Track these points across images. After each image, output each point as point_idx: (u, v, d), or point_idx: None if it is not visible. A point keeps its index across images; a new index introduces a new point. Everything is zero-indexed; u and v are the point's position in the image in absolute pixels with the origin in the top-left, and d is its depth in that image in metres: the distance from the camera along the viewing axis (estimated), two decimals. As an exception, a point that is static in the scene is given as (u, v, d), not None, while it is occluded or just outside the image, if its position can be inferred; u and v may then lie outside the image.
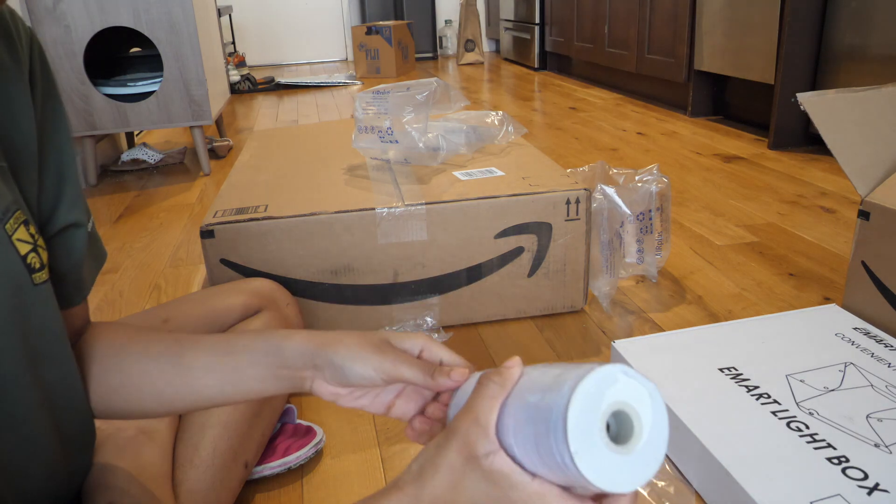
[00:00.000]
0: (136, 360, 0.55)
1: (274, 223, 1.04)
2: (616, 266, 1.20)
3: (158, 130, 2.97)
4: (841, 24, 1.99)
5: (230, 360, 0.54)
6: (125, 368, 0.55)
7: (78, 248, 0.53)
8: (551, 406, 0.37)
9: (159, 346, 0.56)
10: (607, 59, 3.37)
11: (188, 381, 0.54)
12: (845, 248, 1.41)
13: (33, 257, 0.46)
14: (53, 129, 0.52)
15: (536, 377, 0.41)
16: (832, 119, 1.03)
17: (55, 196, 0.51)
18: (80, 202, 0.53)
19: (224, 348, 0.55)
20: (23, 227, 0.45)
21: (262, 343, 0.54)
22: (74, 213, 0.52)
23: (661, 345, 0.94)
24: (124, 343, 0.56)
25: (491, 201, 1.09)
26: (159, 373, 0.54)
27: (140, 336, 0.57)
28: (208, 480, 0.68)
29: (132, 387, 0.55)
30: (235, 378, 0.53)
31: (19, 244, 0.45)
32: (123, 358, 0.55)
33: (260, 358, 0.53)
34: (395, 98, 1.15)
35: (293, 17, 5.18)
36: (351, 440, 0.89)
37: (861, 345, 0.92)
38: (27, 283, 0.45)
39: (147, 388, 0.55)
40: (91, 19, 1.93)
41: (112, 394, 0.55)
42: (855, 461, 0.70)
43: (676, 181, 1.90)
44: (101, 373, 0.55)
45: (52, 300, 0.49)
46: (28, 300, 0.46)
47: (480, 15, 5.28)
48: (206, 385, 0.54)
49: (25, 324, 0.46)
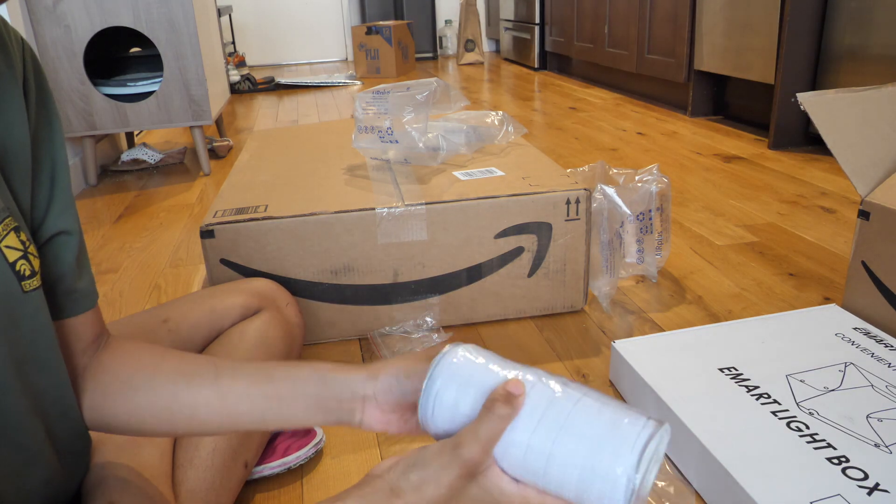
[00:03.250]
0: (167, 381, 0.54)
1: (274, 223, 1.04)
2: (616, 266, 1.20)
3: (158, 130, 2.97)
4: (841, 24, 1.99)
5: (271, 389, 0.53)
6: (156, 388, 0.54)
7: (68, 256, 0.53)
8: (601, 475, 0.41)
9: (193, 368, 0.55)
10: (607, 59, 3.37)
11: (230, 405, 0.53)
12: (845, 248, 1.41)
13: (23, 264, 0.45)
14: (47, 137, 0.51)
15: (551, 417, 0.43)
16: (832, 119, 1.03)
17: (46, 203, 0.51)
18: (70, 210, 0.53)
19: (264, 375, 0.54)
20: (13, 234, 0.45)
21: (307, 371, 0.53)
22: (65, 220, 0.52)
23: (661, 345, 0.94)
24: (155, 362, 0.55)
25: (491, 201, 1.09)
26: (195, 395, 0.53)
27: (170, 358, 0.56)
28: (208, 480, 0.68)
29: (163, 404, 0.54)
30: (277, 407, 0.52)
31: (8, 251, 0.44)
32: (153, 377, 0.54)
33: (305, 387, 0.52)
34: (395, 98, 1.15)
35: (293, 17, 5.18)
36: (351, 440, 0.89)
37: (861, 345, 0.92)
38: (16, 291, 0.45)
39: (180, 408, 0.53)
40: (91, 19, 1.93)
41: (136, 411, 0.54)
42: (855, 461, 0.70)
43: (676, 181, 1.90)
44: (126, 391, 0.54)
45: (44, 308, 0.48)
46: (17, 307, 0.45)
47: (480, 15, 5.28)
48: (249, 407, 0.53)
49: (15, 331, 0.45)
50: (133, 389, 0.54)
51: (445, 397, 0.46)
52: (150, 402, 0.54)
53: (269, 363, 0.55)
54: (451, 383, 0.46)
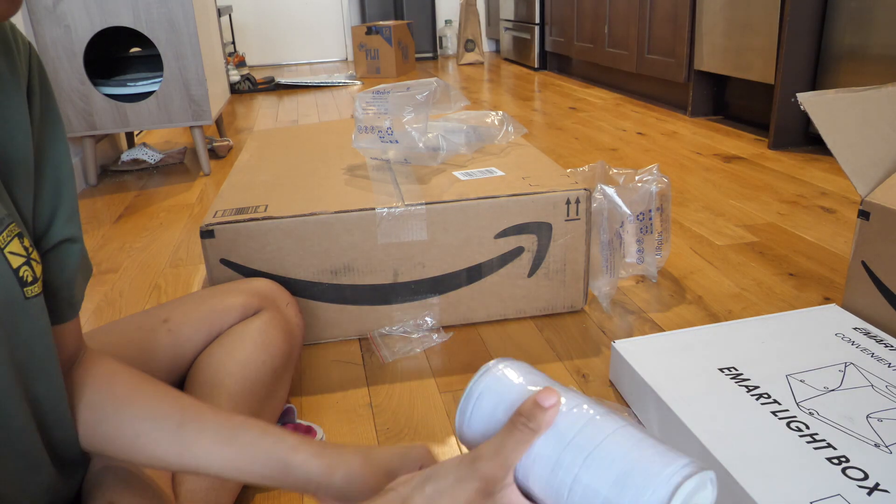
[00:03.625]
0: (134, 418, 0.54)
1: (274, 223, 1.04)
2: (616, 266, 1.20)
3: (158, 130, 2.97)
4: (841, 24, 1.99)
5: (234, 452, 0.53)
6: (121, 423, 0.54)
7: (72, 263, 0.53)
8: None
9: (160, 410, 0.55)
10: (607, 59, 3.37)
11: (188, 457, 0.54)
12: (845, 248, 1.41)
13: (25, 270, 0.45)
14: (51, 144, 0.51)
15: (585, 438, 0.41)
16: (832, 119, 1.03)
17: (51, 211, 0.51)
18: (76, 217, 0.53)
19: (229, 435, 0.54)
20: (16, 240, 0.45)
21: (269, 445, 0.53)
22: (70, 228, 0.52)
23: (661, 345, 0.94)
24: (126, 396, 0.55)
25: (491, 201, 1.09)
26: (157, 440, 0.54)
27: (140, 394, 0.56)
28: (208, 480, 0.68)
29: (125, 441, 0.54)
30: (238, 467, 0.54)
31: (11, 257, 0.44)
32: (120, 410, 0.55)
33: (265, 463, 0.53)
34: (395, 98, 1.15)
35: (293, 17, 5.18)
36: (351, 440, 0.89)
37: (861, 345, 0.92)
38: (18, 297, 0.45)
39: (141, 447, 0.54)
40: (91, 19, 1.93)
41: (101, 439, 0.55)
42: (855, 461, 0.70)
43: (676, 181, 1.90)
44: (93, 418, 0.54)
45: (44, 314, 0.48)
46: (19, 313, 0.45)
47: (480, 15, 5.28)
48: (207, 464, 0.54)
49: (16, 337, 0.45)
50: (97, 420, 0.54)
51: (484, 404, 0.44)
52: (114, 435, 0.54)
53: (237, 420, 0.55)
54: (491, 393, 0.44)
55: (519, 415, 0.41)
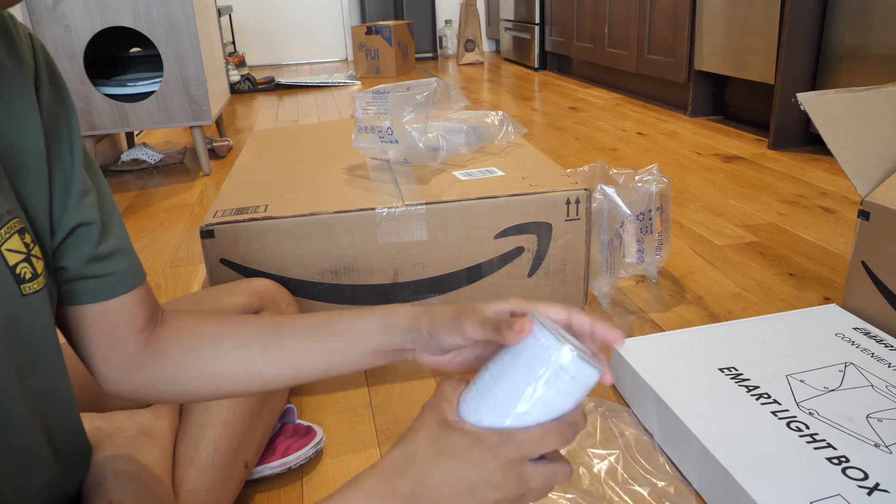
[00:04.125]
0: (233, 347, 0.56)
1: (274, 223, 1.04)
2: (616, 266, 1.20)
3: (158, 130, 2.97)
4: (841, 24, 1.99)
5: (333, 343, 0.55)
6: (221, 355, 0.56)
7: (87, 245, 0.52)
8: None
9: (252, 332, 0.57)
10: (607, 59, 3.37)
11: (293, 366, 0.56)
12: (845, 248, 1.41)
13: (24, 267, 0.45)
14: (65, 132, 0.51)
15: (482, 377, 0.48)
16: (832, 119, 1.03)
17: (64, 196, 0.50)
18: (89, 199, 0.52)
19: (324, 331, 0.56)
20: (16, 237, 0.44)
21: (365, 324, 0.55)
22: (85, 212, 0.51)
23: (661, 345, 0.94)
24: (216, 331, 0.57)
25: (491, 201, 1.09)
26: (260, 359, 0.56)
27: (230, 325, 0.58)
28: (208, 480, 0.68)
29: (229, 369, 0.56)
30: (338, 360, 0.55)
31: (9, 254, 0.44)
32: (216, 344, 0.56)
33: (365, 340, 0.54)
34: (395, 98, 1.15)
35: (293, 17, 5.18)
36: (351, 440, 0.89)
37: (861, 345, 0.92)
38: (15, 294, 0.44)
39: (247, 372, 0.56)
40: (91, 19, 1.93)
41: (206, 378, 0.56)
42: (855, 461, 0.70)
43: (676, 181, 1.90)
44: (193, 362, 0.56)
45: (45, 310, 0.48)
46: (16, 311, 0.45)
47: (480, 15, 5.28)
48: (308, 367, 0.56)
49: (13, 334, 0.45)
50: (202, 359, 0.56)
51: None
52: (219, 368, 0.56)
53: (325, 317, 0.57)
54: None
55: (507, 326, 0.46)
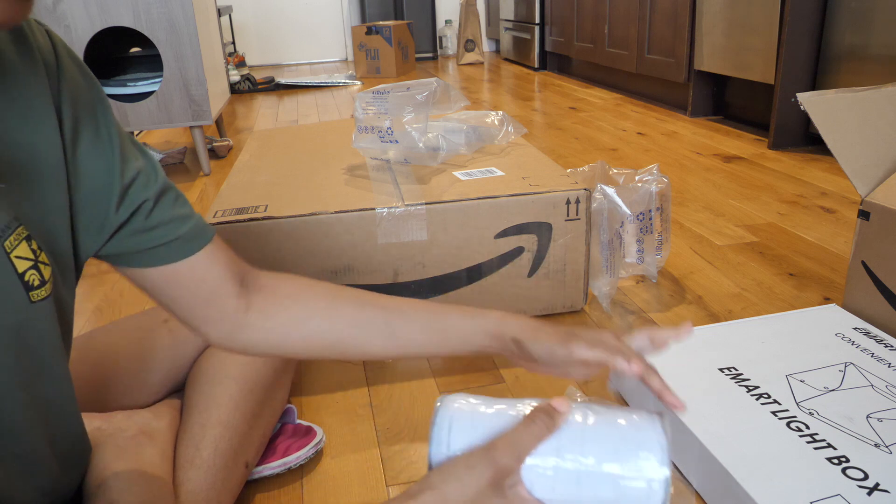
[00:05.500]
0: (348, 325, 0.60)
1: (274, 223, 1.04)
2: (616, 266, 1.20)
3: (158, 130, 2.97)
4: (841, 24, 1.99)
5: (442, 342, 0.60)
6: (337, 332, 0.60)
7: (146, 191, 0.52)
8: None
9: (365, 314, 0.61)
10: (607, 59, 3.37)
11: (398, 349, 0.61)
12: (845, 248, 1.41)
13: (32, 274, 0.44)
14: (102, 116, 0.50)
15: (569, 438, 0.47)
16: (832, 119, 1.03)
17: (120, 168, 0.50)
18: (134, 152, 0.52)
19: (436, 329, 0.60)
20: (24, 244, 0.44)
21: (473, 326, 0.60)
22: (133, 167, 0.51)
23: (661, 345, 0.94)
24: (330, 306, 0.61)
25: (491, 201, 1.09)
26: (372, 339, 0.60)
27: (342, 301, 0.61)
28: (209, 481, 0.68)
29: (340, 347, 0.61)
30: (444, 348, 0.60)
31: (18, 261, 0.43)
32: (334, 323, 0.60)
33: (471, 341, 0.60)
34: (395, 98, 1.15)
35: (293, 17, 5.18)
36: (351, 440, 0.89)
37: (861, 345, 0.92)
38: (23, 301, 0.44)
39: (356, 348, 0.61)
40: (91, 19, 1.93)
41: (311, 346, 0.61)
42: (855, 461, 0.70)
43: (676, 181, 1.90)
44: (307, 332, 0.60)
45: (52, 318, 0.47)
46: (24, 317, 0.44)
47: (480, 15, 5.28)
48: (416, 351, 0.61)
49: (22, 341, 0.45)
50: (317, 332, 0.60)
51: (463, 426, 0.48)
52: (330, 341, 0.60)
53: (437, 312, 0.62)
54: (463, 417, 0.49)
55: (537, 411, 0.45)
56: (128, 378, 0.75)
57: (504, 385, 0.99)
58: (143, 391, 0.76)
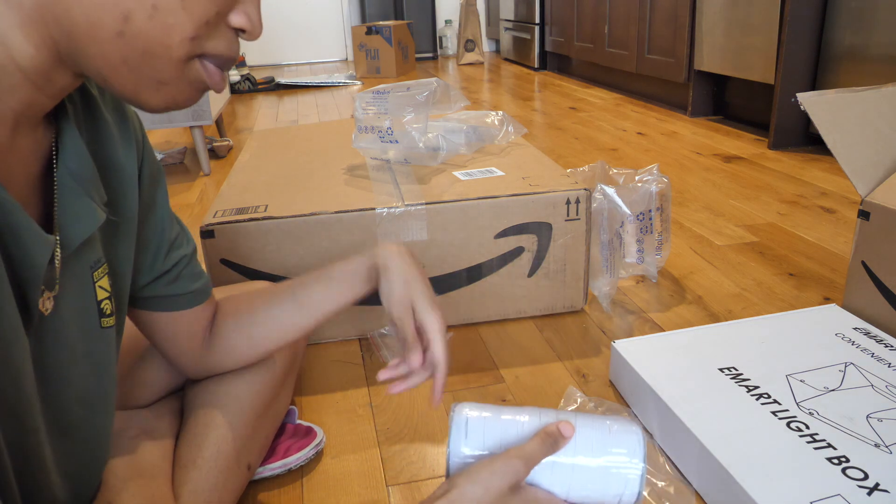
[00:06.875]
0: (265, 314, 0.72)
1: (274, 223, 1.04)
2: (616, 266, 1.20)
3: (158, 130, 2.97)
4: (841, 24, 1.99)
5: (337, 287, 0.72)
6: (255, 322, 0.72)
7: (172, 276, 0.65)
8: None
9: (276, 298, 0.73)
10: (607, 59, 3.37)
11: (311, 313, 0.72)
12: (845, 248, 1.41)
13: (106, 304, 0.54)
14: (161, 198, 0.62)
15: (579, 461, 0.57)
16: (832, 119, 1.03)
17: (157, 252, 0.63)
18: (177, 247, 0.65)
19: (326, 277, 0.72)
20: (106, 278, 0.54)
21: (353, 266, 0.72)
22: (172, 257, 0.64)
23: (661, 345, 0.94)
24: (257, 304, 0.73)
25: (491, 201, 1.09)
26: (287, 316, 0.72)
27: (265, 295, 0.74)
28: (211, 482, 0.68)
29: (265, 329, 0.72)
30: (346, 297, 0.72)
31: (99, 290, 0.52)
32: (252, 315, 0.72)
33: (357, 282, 0.72)
34: (395, 98, 1.15)
35: (293, 17, 5.18)
36: (351, 440, 0.89)
37: (861, 345, 0.92)
38: (95, 324, 0.52)
39: (280, 327, 0.72)
40: (91, 19, 1.92)
41: (257, 342, 0.73)
42: (855, 461, 0.70)
43: (676, 181, 1.90)
44: (240, 334, 0.72)
45: (113, 346, 0.55)
46: (94, 340, 0.52)
47: (480, 15, 5.28)
48: (326, 308, 0.72)
49: (86, 359, 0.51)
50: (247, 329, 0.72)
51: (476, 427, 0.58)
52: (258, 332, 0.72)
53: (326, 269, 0.73)
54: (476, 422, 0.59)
55: (549, 433, 0.55)
56: (128, 378, 0.76)
57: (504, 385, 0.99)
58: (143, 391, 0.76)
